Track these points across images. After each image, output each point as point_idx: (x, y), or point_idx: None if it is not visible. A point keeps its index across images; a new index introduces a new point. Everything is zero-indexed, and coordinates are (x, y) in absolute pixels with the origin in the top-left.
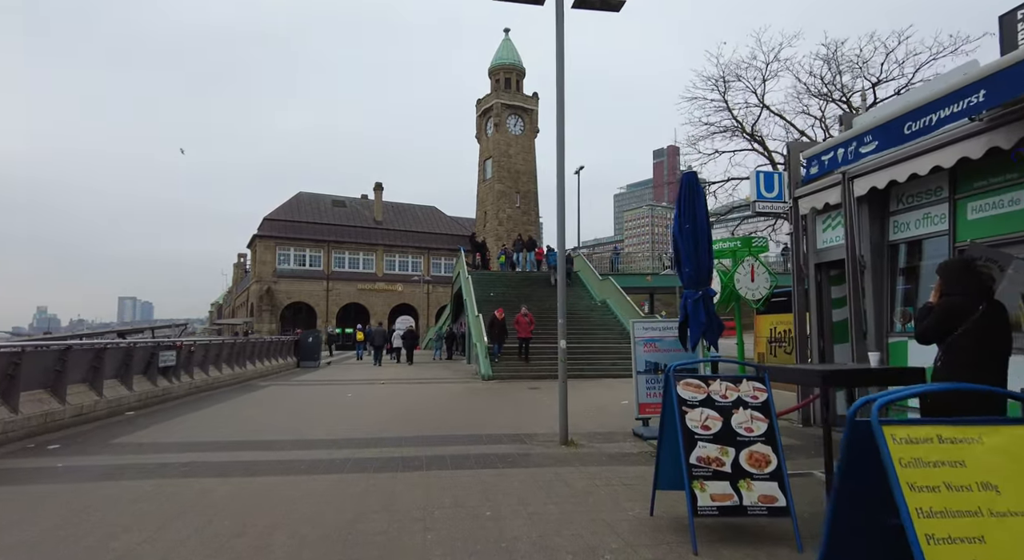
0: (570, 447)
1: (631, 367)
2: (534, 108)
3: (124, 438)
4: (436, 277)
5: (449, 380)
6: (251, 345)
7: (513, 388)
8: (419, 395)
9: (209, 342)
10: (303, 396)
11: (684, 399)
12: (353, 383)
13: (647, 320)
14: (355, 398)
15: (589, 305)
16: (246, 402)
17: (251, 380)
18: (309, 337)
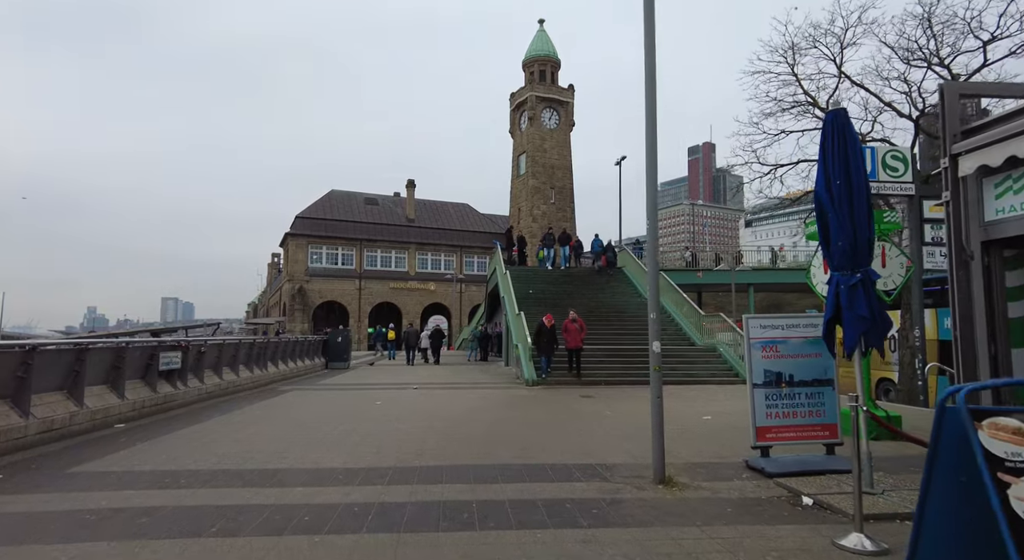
0: (671, 488)
1: (695, 373)
2: (570, 100)
3: (90, 464)
4: (469, 276)
5: (488, 385)
6: (274, 345)
7: (563, 396)
8: (458, 403)
9: (223, 342)
10: (325, 404)
11: (999, 457)
12: (383, 387)
13: (765, 317)
14: (384, 407)
15: (638, 303)
16: (258, 412)
17: (273, 384)
18: (338, 336)
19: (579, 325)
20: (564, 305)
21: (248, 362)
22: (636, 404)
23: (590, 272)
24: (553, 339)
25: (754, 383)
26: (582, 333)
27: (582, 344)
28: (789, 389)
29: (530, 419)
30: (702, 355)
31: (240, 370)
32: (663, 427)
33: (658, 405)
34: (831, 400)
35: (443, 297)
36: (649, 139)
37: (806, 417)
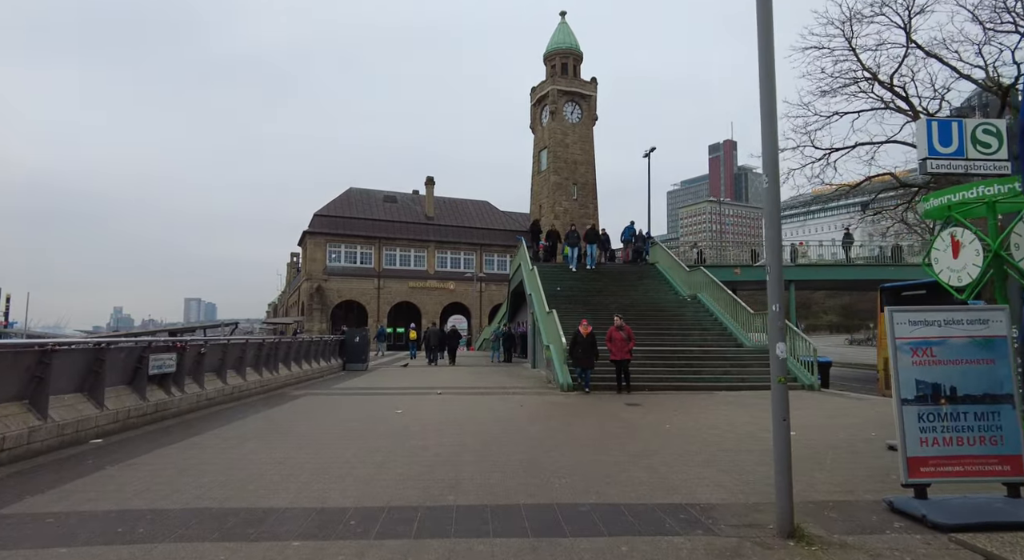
0: (807, 546)
1: (748, 378)
2: (592, 94)
3: (28, 501)
4: (489, 275)
5: (518, 390)
6: (286, 346)
7: (606, 405)
8: (489, 413)
9: (228, 343)
10: (339, 414)
11: None
12: (403, 392)
13: (914, 309)
14: (406, 418)
15: (676, 300)
16: (261, 423)
17: (285, 388)
18: (356, 336)
19: (626, 333)
20: (595, 303)
21: (257, 364)
22: (695, 415)
23: (621, 268)
24: (592, 350)
25: (903, 398)
26: (630, 343)
27: (630, 356)
28: (952, 407)
29: (579, 435)
30: (754, 358)
31: (248, 373)
32: (789, 459)
33: (784, 431)
34: (1011, 423)
35: (463, 296)
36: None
37: (977, 445)
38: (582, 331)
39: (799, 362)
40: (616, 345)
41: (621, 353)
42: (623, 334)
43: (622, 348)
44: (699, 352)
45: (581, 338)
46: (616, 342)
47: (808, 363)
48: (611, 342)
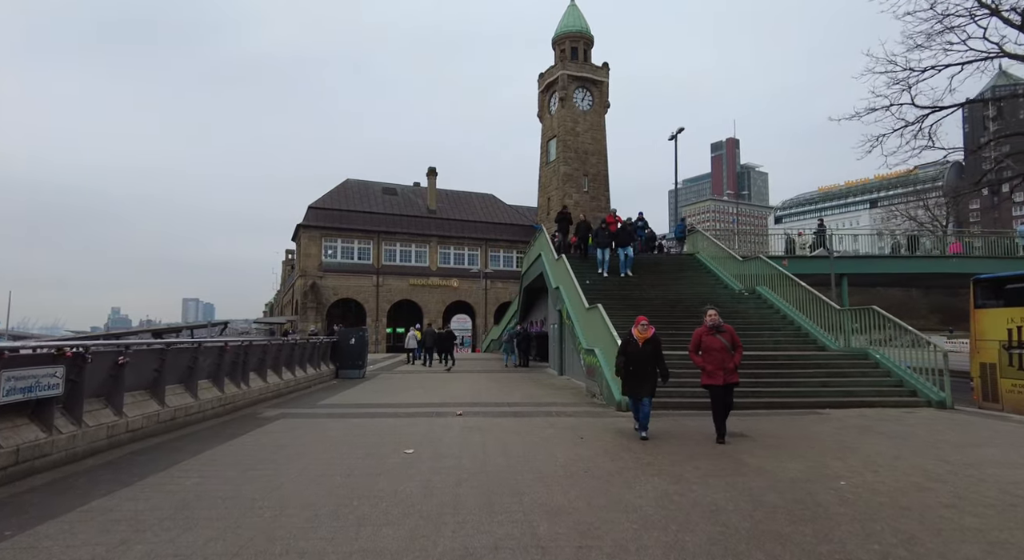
0: None
1: (853, 391)
2: (604, 79)
3: None
4: (495, 272)
5: (560, 408)
6: (260, 350)
7: (697, 436)
8: (549, 458)
9: (166, 348)
10: (319, 458)
11: None
12: (411, 412)
13: None
14: (422, 465)
15: (731, 294)
16: (189, 483)
17: (256, 405)
18: (350, 337)
19: (729, 337)
20: (635, 298)
21: (218, 376)
22: (856, 460)
23: (656, 258)
24: (655, 367)
25: None
26: (736, 353)
27: (737, 378)
28: None
29: (732, 521)
30: (850, 364)
31: (201, 389)
32: None
33: None
34: None
35: (467, 294)
36: None
37: None
38: (636, 336)
39: (915, 370)
40: (712, 358)
41: (723, 373)
42: (723, 339)
43: (724, 363)
44: (783, 358)
45: (634, 347)
46: (713, 353)
47: (932, 372)
48: (708, 354)
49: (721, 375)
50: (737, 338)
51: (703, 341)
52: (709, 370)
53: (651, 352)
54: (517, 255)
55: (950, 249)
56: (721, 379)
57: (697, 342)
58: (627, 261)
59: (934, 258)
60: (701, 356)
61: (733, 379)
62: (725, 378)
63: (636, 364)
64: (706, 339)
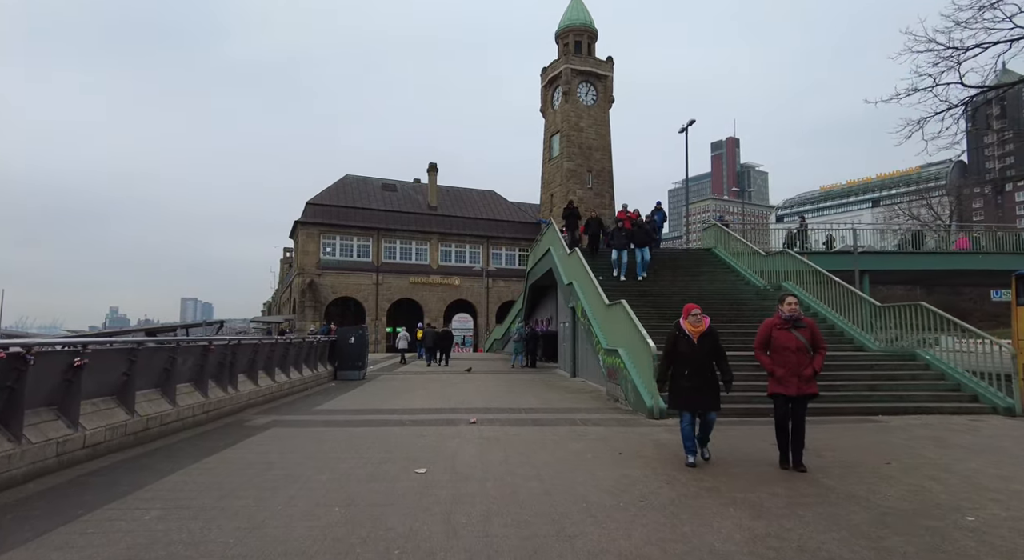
0: None
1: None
2: (608, 74)
3: None
4: (497, 270)
5: (583, 414)
6: (251, 349)
7: (745, 444)
8: (589, 478)
9: (136, 346)
10: (311, 481)
11: None
12: (418, 420)
13: None
14: (440, 493)
15: (756, 291)
16: (150, 518)
17: (244, 410)
18: (349, 336)
19: (810, 334)
20: (654, 294)
21: (200, 379)
22: (957, 479)
23: (672, 253)
24: (714, 369)
25: None
26: (819, 353)
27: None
28: None
29: None
30: (897, 366)
31: (181, 394)
32: None
33: None
34: None
35: (468, 293)
36: None
37: None
38: (689, 330)
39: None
40: (785, 360)
41: (798, 380)
42: (802, 336)
43: (799, 368)
44: None
45: (687, 345)
46: (786, 354)
47: (993, 376)
48: (774, 353)
49: (795, 383)
50: (820, 336)
51: (774, 337)
52: (779, 376)
53: (710, 349)
54: (520, 253)
55: (956, 245)
56: (794, 388)
57: (766, 338)
58: (643, 263)
59: (959, 254)
60: (770, 356)
61: (810, 389)
62: (799, 387)
63: (692, 367)
64: (778, 335)
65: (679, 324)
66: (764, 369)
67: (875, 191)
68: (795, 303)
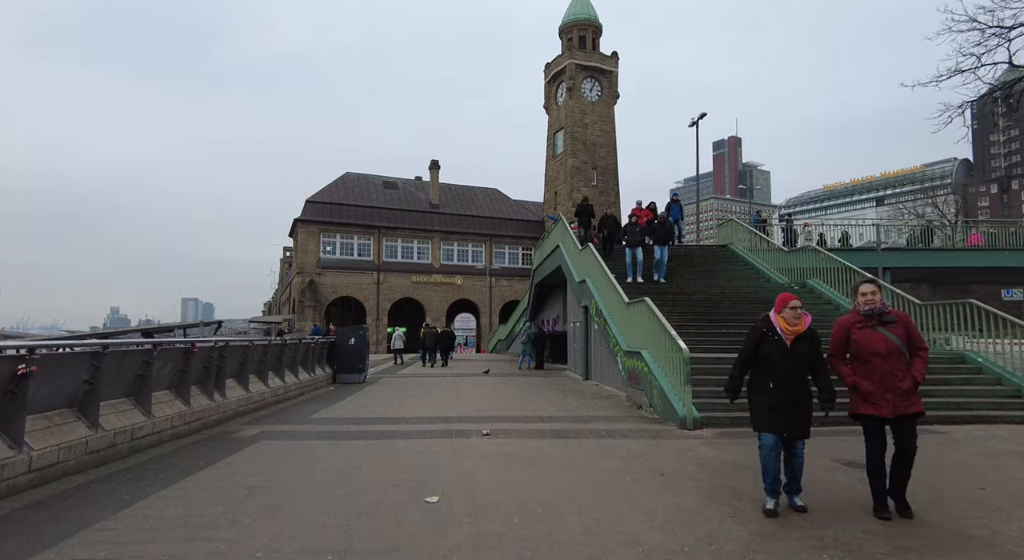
0: None
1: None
2: (613, 69)
3: None
4: (501, 269)
5: (607, 423)
6: (241, 351)
7: (824, 467)
8: (631, 511)
9: (101, 351)
10: (299, 517)
11: None
12: (423, 432)
13: None
14: (450, 526)
15: (780, 288)
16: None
17: (234, 419)
18: (350, 337)
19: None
20: (671, 292)
21: (181, 385)
22: None
23: (688, 249)
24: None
25: None
26: (917, 361)
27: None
28: None
29: None
30: (946, 369)
31: (158, 403)
32: None
33: None
34: None
35: (471, 292)
36: None
37: None
38: (783, 328)
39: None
40: (872, 369)
41: (893, 395)
42: (893, 335)
43: (893, 379)
44: None
45: (777, 346)
46: (873, 362)
47: None
48: (856, 360)
49: (888, 400)
50: (918, 334)
51: (854, 339)
52: (866, 391)
53: (806, 355)
54: (523, 252)
55: (969, 241)
56: (888, 407)
57: (843, 340)
58: (662, 264)
59: (979, 251)
60: (851, 365)
61: (911, 407)
62: (896, 405)
63: (780, 377)
64: (860, 336)
65: (768, 319)
66: (843, 383)
67: (879, 190)
68: (875, 292)
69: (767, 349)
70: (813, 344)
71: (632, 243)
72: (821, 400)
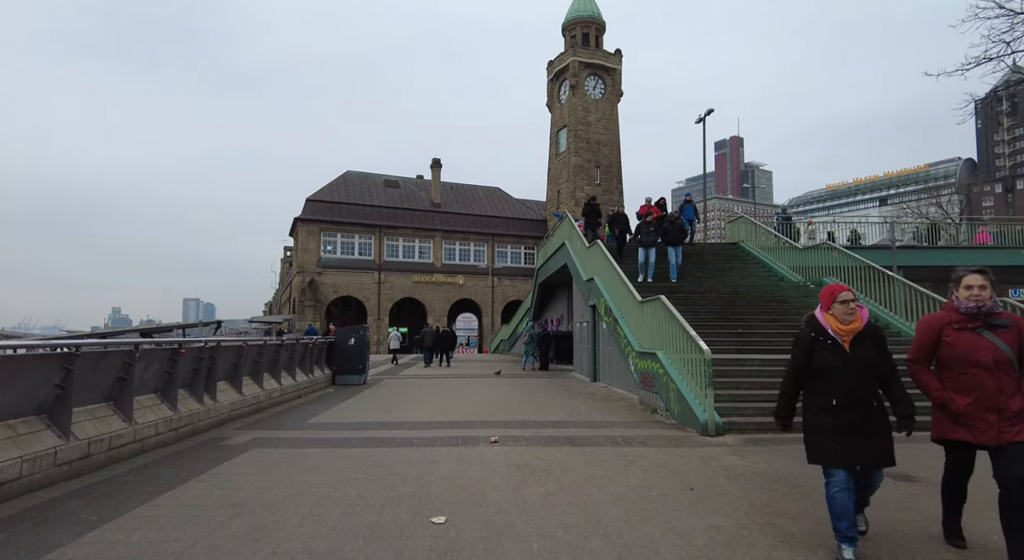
0: None
1: None
2: (617, 67)
3: None
4: (503, 268)
5: (622, 429)
6: (235, 352)
7: None
8: (665, 534)
9: (73, 352)
10: (288, 541)
11: None
12: (427, 438)
13: None
14: (460, 554)
15: (795, 287)
16: None
17: (224, 425)
18: (350, 337)
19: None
20: (683, 291)
21: (168, 389)
22: None
23: (698, 247)
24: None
25: None
26: None
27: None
28: None
29: None
30: None
31: (142, 408)
32: None
33: None
34: None
35: (473, 292)
36: None
37: None
38: (836, 328)
39: None
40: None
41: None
42: (1003, 342)
43: (996, 396)
44: None
45: (830, 351)
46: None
47: None
48: (944, 368)
49: (991, 423)
50: None
51: (948, 343)
52: (959, 409)
53: (872, 358)
54: (526, 251)
55: (977, 239)
56: (991, 431)
57: (931, 344)
58: (675, 264)
59: (997, 249)
60: (939, 374)
61: (1019, 434)
62: (1000, 431)
63: (843, 391)
64: (957, 339)
65: (815, 320)
66: (929, 398)
67: (882, 190)
68: (984, 286)
69: (822, 359)
70: (878, 344)
71: (645, 243)
72: (898, 416)
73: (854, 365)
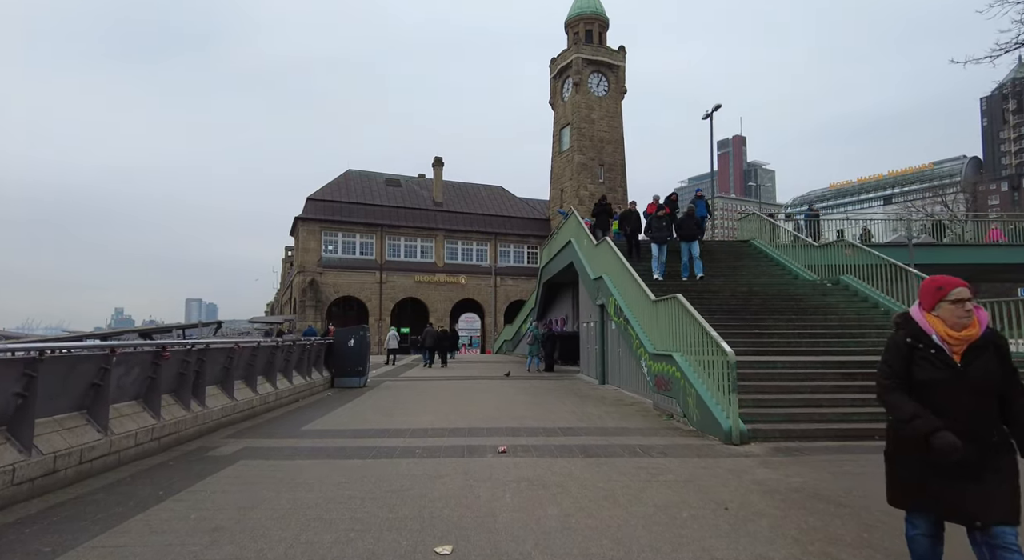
0: None
1: None
2: (620, 64)
3: None
4: (506, 268)
5: (639, 437)
6: (226, 355)
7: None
8: None
9: (38, 356)
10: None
11: None
12: (433, 446)
13: None
14: None
15: (812, 285)
16: None
17: (213, 433)
18: (349, 338)
19: None
20: (698, 290)
21: (150, 395)
22: None
23: (707, 245)
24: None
25: None
26: None
27: None
28: None
29: None
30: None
31: (120, 416)
32: None
33: None
34: None
35: (475, 292)
36: None
37: None
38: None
39: None
40: None
41: None
42: None
43: None
44: None
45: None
46: None
47: None
48: None
49: None
50: None
51: None
52: None
53: (993, 374)
54: (529, 250)
55: (989, 236)
56: None
57: None
58: (694, 260)
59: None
60: None
61: None
62: None
63: (956, 418)
64: None
65: (912, 321)
66: None
67: (886, 188)
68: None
69: (923, 373)
70: (1001, 357)
71: (658, 238)
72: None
73: (967, 385)
